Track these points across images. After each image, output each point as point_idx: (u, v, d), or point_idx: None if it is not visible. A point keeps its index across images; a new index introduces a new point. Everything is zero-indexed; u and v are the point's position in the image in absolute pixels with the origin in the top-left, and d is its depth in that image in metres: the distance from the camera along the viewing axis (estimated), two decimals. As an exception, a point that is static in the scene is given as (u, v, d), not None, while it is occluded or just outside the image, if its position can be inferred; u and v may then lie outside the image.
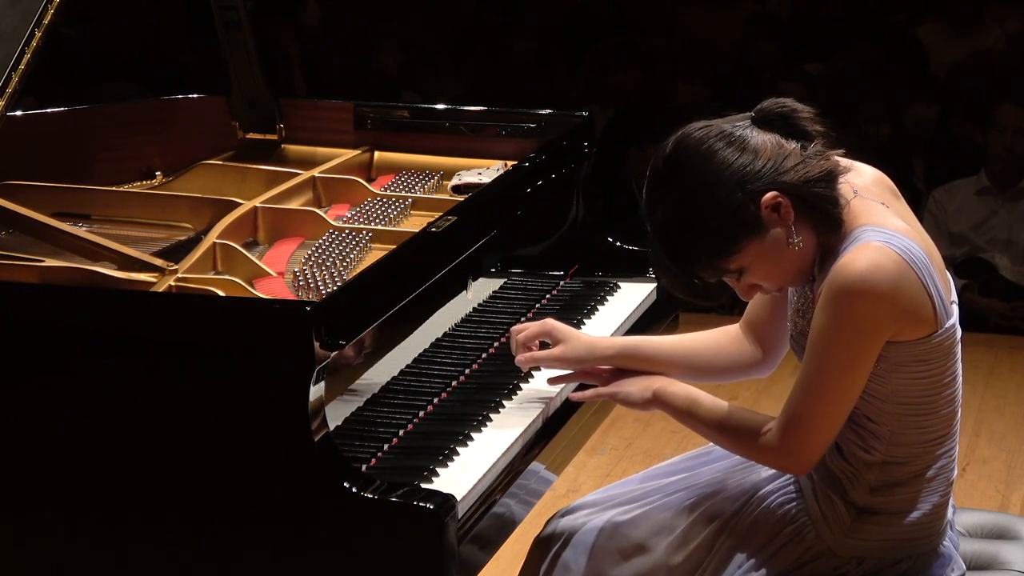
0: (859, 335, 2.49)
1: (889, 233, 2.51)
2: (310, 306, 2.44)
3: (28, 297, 2.60)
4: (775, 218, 2.53)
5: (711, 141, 2.54)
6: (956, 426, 2.65)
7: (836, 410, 2.53)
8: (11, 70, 2.92)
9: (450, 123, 3.88)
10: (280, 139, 3.88)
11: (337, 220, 3.31)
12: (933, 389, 2.58)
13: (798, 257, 2.57)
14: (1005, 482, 4.99)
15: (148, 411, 2.46)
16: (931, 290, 2.52)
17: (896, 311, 2.49)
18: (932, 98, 6.99)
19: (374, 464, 2.59)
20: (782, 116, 2.58)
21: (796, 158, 2.54)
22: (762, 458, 2.65)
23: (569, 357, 2.86)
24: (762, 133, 2.56)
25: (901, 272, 2.49)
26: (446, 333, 3.03)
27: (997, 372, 5.99)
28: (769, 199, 2.52)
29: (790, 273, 2.60)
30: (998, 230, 6.54)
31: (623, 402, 2.81)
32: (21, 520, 2.54)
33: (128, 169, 3.72)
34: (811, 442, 2.55)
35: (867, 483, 2.61)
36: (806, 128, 2.58)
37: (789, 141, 2.56)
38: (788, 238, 2.54)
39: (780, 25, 8.34)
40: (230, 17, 3.74)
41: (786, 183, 2.52)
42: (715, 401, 2.69)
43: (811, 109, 2.60)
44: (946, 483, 2.64)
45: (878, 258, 2.48)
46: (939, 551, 2.66)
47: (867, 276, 2.47)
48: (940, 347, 2.56)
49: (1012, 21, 8.27)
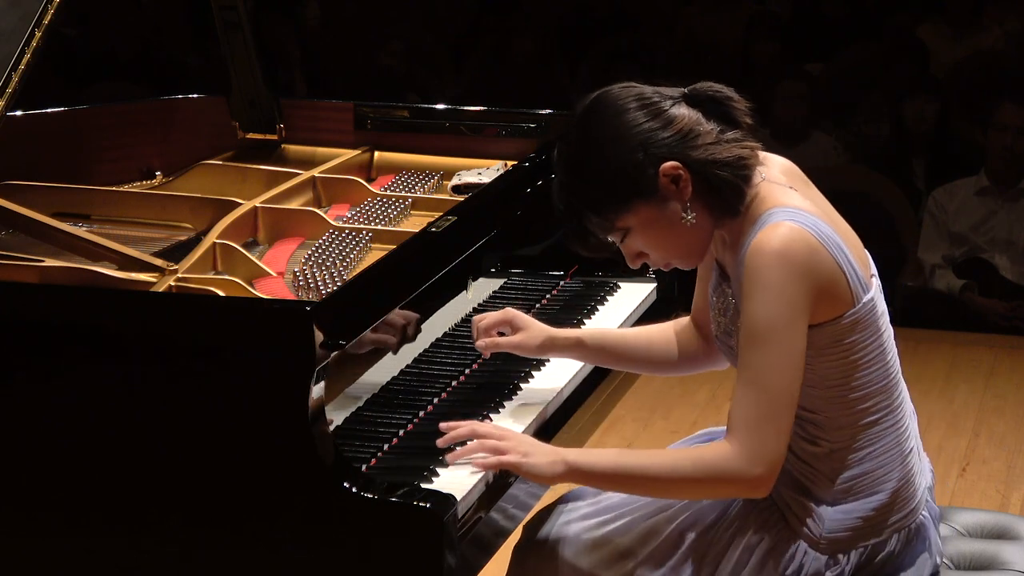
0: (788, 309, 2.48)
1: (795, 211, 2.53)
2: (310, 306, 2.44)
3: (28, 297, 2.60)
4: (672, 189, 2.56)
5: (627, 99, 2.60)
6: (898, 399, 2.64)
7: (786, 400, 2.50)
8: (11, 70, 2.92)
9: (450, 123, 3.88)
10: (280, 139, 3.88)
11: (337, 220, 3.31)
12: (860, 367, 2.57)
13: (688, 234, 2.59)
14: (1005, 482, 4.99)
15: (148, 411, 2.46)
16: (843, 264, 2.53)
17: (813, 285, 2.49)
18: (932, 98, 6.99)
19: (374, 464, 2.59)
20: (714, 99, 2.62)
21: (710, 138, 2.57)
22: (724, 487, 2.54)
23: (528, 345, 2.89)
24: (687, 108, 2.60)
25: (811, 246, 2.50)
26: (446, 333, 3.03)
27: (997, 372, 6.00)
28: (669, 168, 2.55)
29: (677, 248, 2.62)
30: (998, 230, 6.54)
31: (527, 474, 2.58)
32: (21, 520, 2.54)
33: (128, 169, 3.72)
34: (770, 444, 2.50)
35: (825, 475, 2.61)
36: (735, 116, 2.61)
37: (711, 122, 2.59)
38: (682, 212, 2.57)
39: (780, 25, 8.34)
40: (230, 17, 3.75)
41: (691, 157, 2.55)
42: (646, 453, 2.60)
43: (746, 102, 2.63)
44: (901, 456, 2.63)
45: (789, 234, 2.49)
46: (919, 523, 2.67)
47: (783, 251, 2.48)
48: (860, 323, 2.55)
49: (1012, 21, 8.27)
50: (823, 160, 7.12)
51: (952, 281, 6.49)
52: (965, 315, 6.45)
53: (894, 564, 2.65)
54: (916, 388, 2.81)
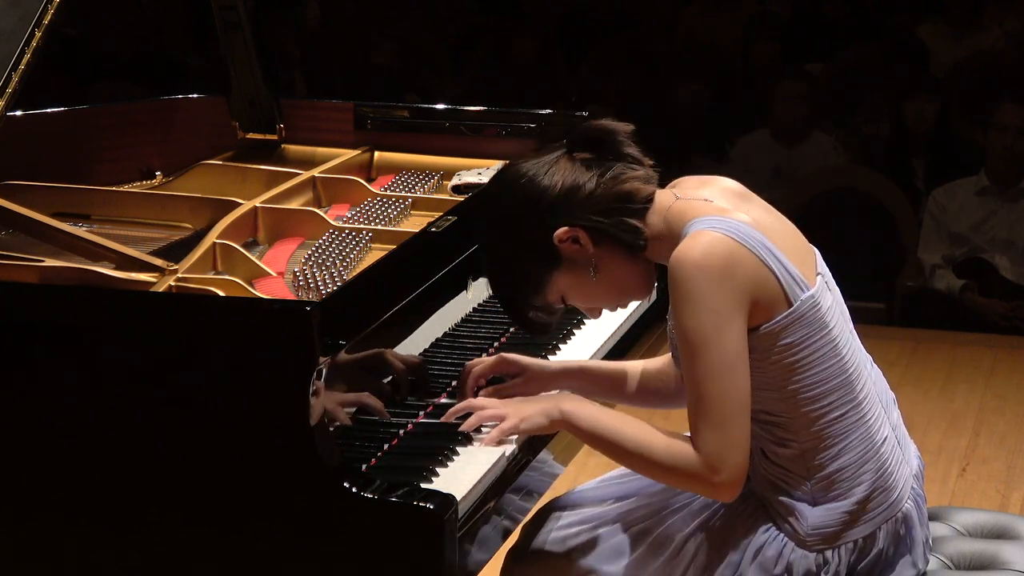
0: (715, 317, 2.48)
1: (713, 219, 2.53)
2: (310, 306, 2.44)
3: (28, 297, 2.60)
4: (575, 249, 2.59)
5: (516, 179, 2.61)
6: (862, 391, 2.62)
7: (731, 407, 2.50)
8: (11, 70, 2.92)
9: (450, 123, 3.88)
10: (280, 139, 3.88)
11: (337, 220, 3.31)
12: (808, 366, 2.56)
13: (612, 281, 2.63)
14: (1005, 482, 4.99)
15: (148, 411, 2.46)
16: (769, 263, 2.52)
17: (738, 285, 2.48)
18: (932, 98, 6.99)
19: (374, 464, 2.59)
20: (594, 139, 2.63)
21: (591, 185, 2.58)
22: (689, 483, 2.58)
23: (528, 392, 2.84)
24: (567, 161, 2.61)
25: (731, 249, 2.49)
26: (446, 333, 3.03)
27: (997, 372, 5.99)
28: (562, 234, 2.58)
29: (611, 295, 2.67)
30: (998, 230, 6.54)
31: (528, 432, 2.69)
32: (21, 520, 2.54)
33: (128, 169, 3.72)
34: (723, 452, 2.51)
35: (800, 476, 2.61)
36: (619, 149, 2.62)
37: (591, 167, 2.59)
38: (589, 268, 2.60)
39: (780, 25, 8.35)
40: (230, 17, 3.74)
41: (577, 214, 2.57)
42: (632, 426, 2.62)
43: (627, 128, 2.64)
44: (874, 448, 2.62)
45: (707, 241, 2.49)
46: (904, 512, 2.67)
47: (700, 260, 2.48)
48: (800, 322, 2.54)
49: (1012, 21, 8.28)
50: (823, 160, 7.12)
51: (952, 281, 6.49)
52: (965, 315, 6.45)
53: (886, 562, 2.65)
54: (916, 388, 2.81)
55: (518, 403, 2.71)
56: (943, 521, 2.95)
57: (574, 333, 3.25)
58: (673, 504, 2.71)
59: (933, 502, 3.04)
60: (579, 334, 3.25)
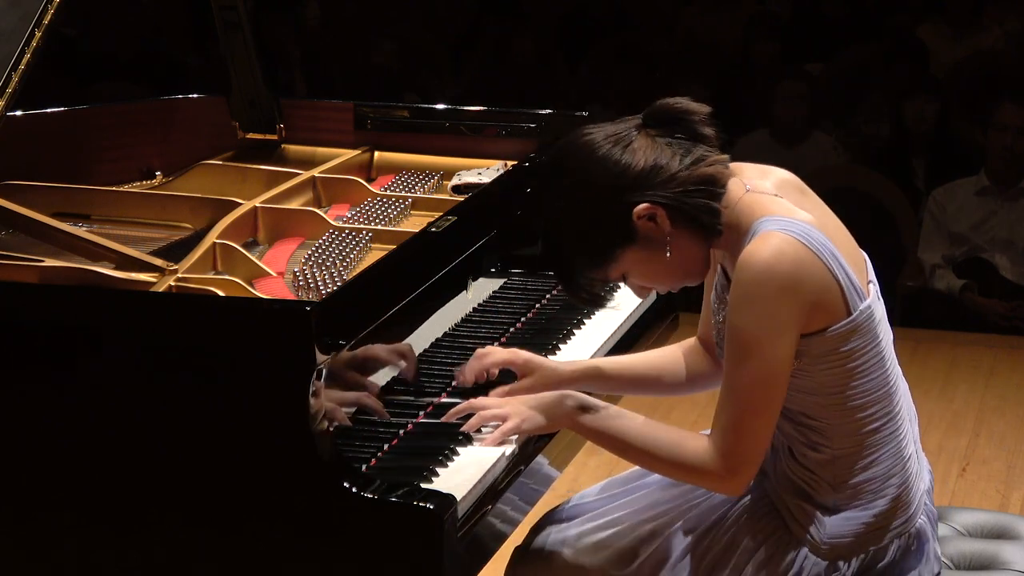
0: (773, 324, 2.47)
1: (786, 221, 2.51)
2: (310, 306, 2.44)
3: (28, 297, 2.60)
4: (651, 227, 2.55)
5: (589, 150, 2.56)
6: (898, 404, 2.63)
7: (764, 412, 2.51)
8: (11, 70, 2.92)
9: (450, 123, 3.88)
10: (280, 139, 3.88)
11: (337, 220, 3.31)
12: (859, 375, 2.56)
13: (681, 261, 2.59)
14: (1005, 482, 4.99)
15: (148, 411, 2.46)
16: (836, 271, 2.51)
17: (803, 295, 2.48)
18: (932, 98, 6.99)
19: (374, 464, 2.59)
20: (671, 118, 2.58)
21: (674, 165, 2.54)
22: (696, 478, 2.59)
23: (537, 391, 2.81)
24: (645, 138, 2.56)
25: (802, 256, 2.48)
26: (446, 333, 3.03)
27: (997, 372, 5.99)
28: (642, 210, 2.54)
29: (674, 276, 2.63)
30: (998, 230, 6.54)
31: (530, 432, 2.69)
32: (22, 520, 2.54)
33: (128, 169, 3.72)
34: (745, 452, 2.52)
35: (827, 482, 2.60)
36: (696, 130, 2.57)
37: (672, 146, 2.55)
38: (664, 247, 2.56)
39: (780, 25, 8.35)
40: (230, 17, 3.74)
41: (659, 192, 2.53)
42: (639, 424, 2.63)
43: (704, 110, 2.60)
44: (902, 462, 2.62)
45: (778, 244, 2.47)
46: (918, 528, 2.67)
47: (772, 264, 2.46)
48: (857, 332, 2.54)
49: (1012, 21, 8.28)
50: (823, 160, 7.12)
51: (952, 281, 6.49)
52: (965, 315, 6.45)
53: (894, 572, 2.65)
54: (916, 388, 2.80)
55: (520, 402, 2.70)
56: (943, 521, 2.95)
57: (574, 333, 3.25)
58: (681, 507, 2.71)
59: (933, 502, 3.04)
60: (579, 334, 3.25)
